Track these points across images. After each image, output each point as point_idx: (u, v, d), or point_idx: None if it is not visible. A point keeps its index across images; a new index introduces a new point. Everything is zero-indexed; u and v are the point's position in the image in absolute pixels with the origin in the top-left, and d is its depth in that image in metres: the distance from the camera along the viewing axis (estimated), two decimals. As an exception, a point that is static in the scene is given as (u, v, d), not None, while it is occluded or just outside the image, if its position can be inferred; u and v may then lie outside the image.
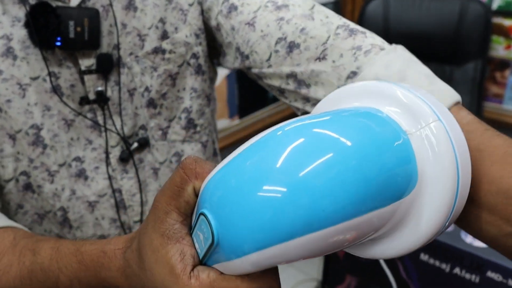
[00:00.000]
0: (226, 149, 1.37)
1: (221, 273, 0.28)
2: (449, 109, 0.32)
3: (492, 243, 0.29)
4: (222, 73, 1.47)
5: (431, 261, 0.67)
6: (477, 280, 0.63)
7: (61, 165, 0.58)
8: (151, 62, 0.59)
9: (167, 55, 0.59)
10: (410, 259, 0.69)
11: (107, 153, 0.59)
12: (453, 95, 0.32)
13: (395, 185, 0.25)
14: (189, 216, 0.30)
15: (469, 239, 0.65)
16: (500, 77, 2.05)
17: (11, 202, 0.57)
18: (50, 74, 0.54)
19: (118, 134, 0.59)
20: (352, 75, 0.40)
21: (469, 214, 0.29)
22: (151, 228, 0.31)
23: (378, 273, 0.73)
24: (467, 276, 0.64)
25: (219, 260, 0.27)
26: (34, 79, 0.54)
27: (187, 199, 0.30)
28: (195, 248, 0.29)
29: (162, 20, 0.58)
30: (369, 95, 0.28)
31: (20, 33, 0.53)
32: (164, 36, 0.59)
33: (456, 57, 1.71)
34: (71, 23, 0.54)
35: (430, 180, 0.26)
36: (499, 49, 1.97)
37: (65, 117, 0.56)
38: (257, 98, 1.77)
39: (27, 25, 0.52)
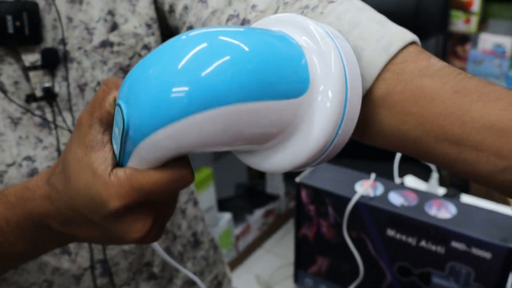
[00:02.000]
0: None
1: (136, 169, 0.31)
2: (404, 48, 0.31)
3: (490, 182, 0.28)
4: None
5: (398, 236, 0.67)
6: (443, 251, 0.64)
7: (9, 165, 0.55)
8: (100, 56, 0.57)
9: (115, 48, 0.57)
10: (378, 235, 0.69)
11: (59, 151, 0.57)
12: (405, 35, 0.32)
13: (287, 82, 0.28)
14: (110, 126, 0.33)
15: (433, 211, 0.66)
16: (461, 51, 2.08)
17: None
18: (0, 70, 0.52)
19: (69, 130, 0.56)
20: None
21: (460, 157, 0.29)
22: (75, 144, 0.33)
23: (348, 252, 0.73)
24: (433, 248, 0.65)
25: (130, 151, 0.30)
26: None
27: (108, 109, 0.32)
28: (114, 154, 0.32)
29: (111, 12, 0.56)
30: (283, 24, 0.32)
31: None
32: (114, 28, 0.57)
33: (417, 33, 1.71)
34: (9, 17, 0.51)
35: (321, 88, 0.29)
36: (459, 23, 1.99)
37: (10, 115, 0.54)
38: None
39: None
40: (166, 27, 0.57)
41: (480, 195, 1.33)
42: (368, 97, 0.32)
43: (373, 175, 0.74)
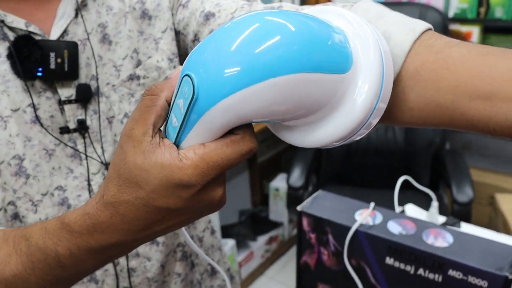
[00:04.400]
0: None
1: (202, 145, 0.33)
2: (426, 31, 0.36)
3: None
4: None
5: (396, 264, 0.69)
6: (440, 279, 0.65)
7: (43, 195, 0.59)
8: (128, 89, 0.62)
9: (141, 80, 0.62)
10: (377, 263, 0.71)
11: (88, 180, 0.61)
12: (425, 23, 0.36)
13: (333, 58, 0.32)
14: (159, 128, 0.35)
15: (430, 240, 0.67)
16: (462, 81, 2.12)
17: None
18: (34, 104, 0.56)
19: (100, 162, 0.61)
20: None
21: (493, 111, 0.31)
22: (131, 155, 0.34)
23: (348, 279, 0.75)
24: (431, 276, 0.66)
25: (195, 120, 0.32)
26: (14, 111, 0.56)
27: (161, 113, 0.35)
28: (172, 143, 0.34)
29: (135, 51, 0.62)
30: (324, 13, 0.37)
31: (0, 67, 0.55)
32: (139, 64, 0.63)
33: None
34: (52, 54, 0.56)
35: (362, 70, 0.33)
36: (458, 54, 2.04)
37: (45, 147, 0.58)
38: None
39: (10, 56, 0.55)
40: None
41: (481, 224, 1.34)
42: (402, 73, 0.35)
43: (372, 204, 0.76)
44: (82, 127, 0.60)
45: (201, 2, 0.60)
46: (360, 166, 2.03)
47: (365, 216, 0.73)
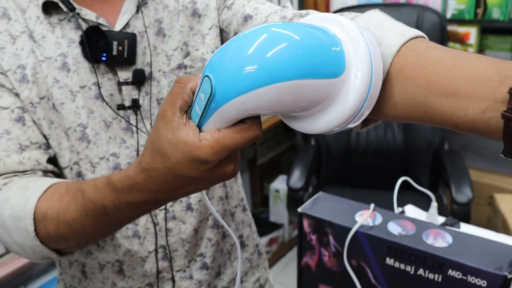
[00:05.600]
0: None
1: (218, 130, 0.41)
2: (416, 37, 0.41)
3: (478, 124, 0.35)
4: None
5: (396, 264, 0.70)
6: (440, 279, 0.66)
7: (101, 158, 0.71)
8: (176, 76, 0.72)
9: (188, 69, 0.73)
10: (377, 264, 0.72)
11: (138, 151, 0.71)
12: (419, 31, 0.42)
13: (328, 66, 0.38)
14: (187, 111, 0.43)
15: (429, 240, 0.68)
16: (460, 81, 2.12)
17: None
18: (99, 83, 0.68)
19: (147, 134, 0.71)
20: None
21: (455, 107, 0.36)
22: (163, 131, 0.42)
23: (349, 280, 0.76)
24: (430, 276, 0.67)
25: (212, 112, 0.40)
26: (82, 87, 0.69)
27: (186, 98, 0.42)
28: (196, 126, 0.42)
29: (185, 43, 0.73)
30: (324, 21, 0.42)
31: (73, 51, 0.68)
32: (187, 55, 0.73)
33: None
34: (115, 43, 0.68)
35: (353, 70, 0.39)
36: (456, 55, 2.05)
37: (105, 119, 0.70)
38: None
39: (81, 43, 0.67)
40: None
41: (480, 224, 1.35)
42: (389, 71, 0.40)
43: (372, 205, 0.77)
44: (135, 105, 0.70)
45: (243, 5, 0.70)
46: (360, 167, 2.03)
47: (366, 217, 0.74)
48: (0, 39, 0.67)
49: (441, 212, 1.38)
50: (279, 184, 2.43)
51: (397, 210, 1.11)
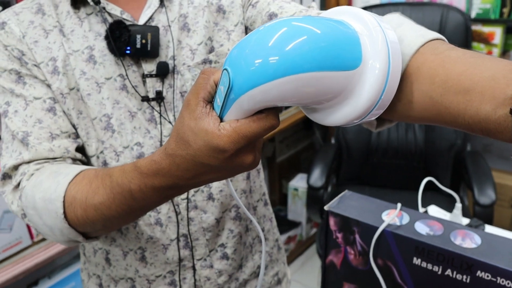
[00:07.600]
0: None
1: (236, 120, 0.42)
2: (436, 39, 0.42)
3: (488, 121, 0.35)
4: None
5: (424, 264, 0.70)
6: (468, 280, 0.66)
7: (125, 147, 0.73)
8: (200, 70, 0.73)
9: (213, 65, 0.74)
10: (404, 264, 0.72)
11: (161, 141, 0.73)
12: (439, 34, 0.43)
13: (344, 58, 0.38)
14: (210, 102, 0.44)
15: (458, 241, 0.68)
16: (483, 82, 2.09)
17: None
18: (126, 74, 0.70)
19: (172, 126, 0.72)
20: None
21: (468, 104, 0.36)
22: (187, 119, 0.44)
23: (374, 279, 0.76)
24: (458, 276, 0.67)
25: (231, 103, 0.41)
26: (107, 79, 0.71)
27: (210, 89, 0.44)
28: (217, 116, 0.43)
29: (210, 39, 0.74)
30: (344, 14, 0.43)
31: (100, 44, 0.70)
32: (211, 50, 0.74)
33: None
34: (138, 36, 0.69)
35: (370, 63, 0.39)
36: (481, 55, 2.02)
37: (129, 109, 0.72)
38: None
39: (106, 37, 0.69)
40: None
41: (503, 226, 1.33)
42: (407, 69, 0.41)
43: (399, 205, 0.77)
44: (159, 97, 0.72)
45: (268, 3, 0.71)
46: (380, 167, 2.02)
47: (393, 216, 0.74)
48: (35, 33, 0.70)
49: (463, 213, 1.37)
50: (298, 183, 2.44)
51: (420, 210, 1.10)
